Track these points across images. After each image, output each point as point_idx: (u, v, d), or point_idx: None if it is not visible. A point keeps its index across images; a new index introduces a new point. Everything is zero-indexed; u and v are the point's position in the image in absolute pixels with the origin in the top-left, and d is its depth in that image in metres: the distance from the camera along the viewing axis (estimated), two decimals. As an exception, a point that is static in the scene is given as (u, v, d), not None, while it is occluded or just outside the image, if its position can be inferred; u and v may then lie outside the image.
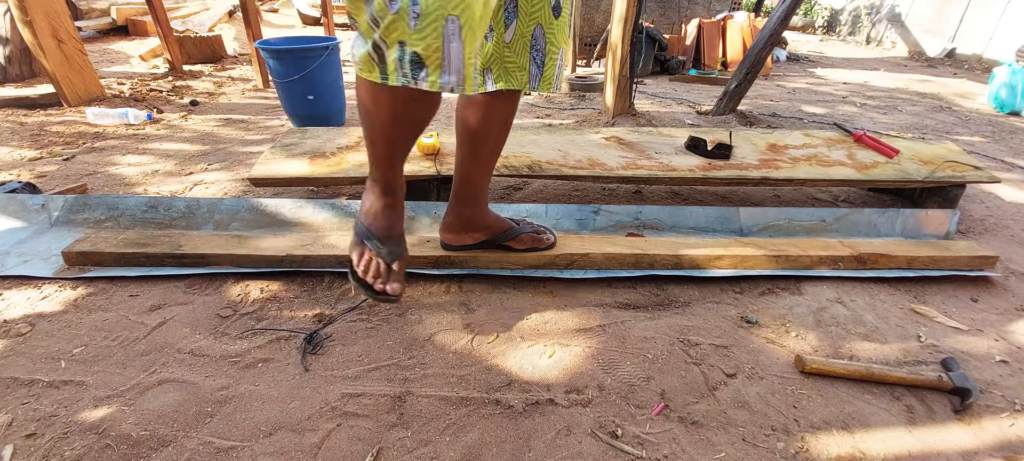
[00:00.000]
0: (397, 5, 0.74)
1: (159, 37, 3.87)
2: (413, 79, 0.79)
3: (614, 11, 2.83)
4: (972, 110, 3.91)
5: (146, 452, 0.90)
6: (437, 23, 0.75)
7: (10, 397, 1.00)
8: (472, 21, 0.77)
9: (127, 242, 1.42)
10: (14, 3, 2.72)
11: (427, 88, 0.80)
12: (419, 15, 0.74)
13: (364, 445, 0.93)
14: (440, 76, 0.79)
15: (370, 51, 0.82)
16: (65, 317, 1.23)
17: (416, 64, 0.78)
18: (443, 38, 0.76)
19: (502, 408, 1.01)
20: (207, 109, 3.17)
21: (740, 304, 1.36)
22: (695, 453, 0.93)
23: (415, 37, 0.76)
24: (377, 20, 0.77)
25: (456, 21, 0.75)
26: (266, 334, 1.19)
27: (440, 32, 0.75)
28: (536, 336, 1.22)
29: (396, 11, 0.74)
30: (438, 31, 0.75)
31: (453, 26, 0.76)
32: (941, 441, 0.98)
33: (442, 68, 0.79)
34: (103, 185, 2.00)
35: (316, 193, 1.97)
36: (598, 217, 1.68)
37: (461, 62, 0.79)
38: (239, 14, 6.07)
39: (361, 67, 0.86)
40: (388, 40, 0.78)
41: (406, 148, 1.05)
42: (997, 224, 1.90)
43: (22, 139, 2.47)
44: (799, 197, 2.09)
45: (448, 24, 0.75)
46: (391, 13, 0.75)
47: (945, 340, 1.25)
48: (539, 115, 3.31)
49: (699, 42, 5.24)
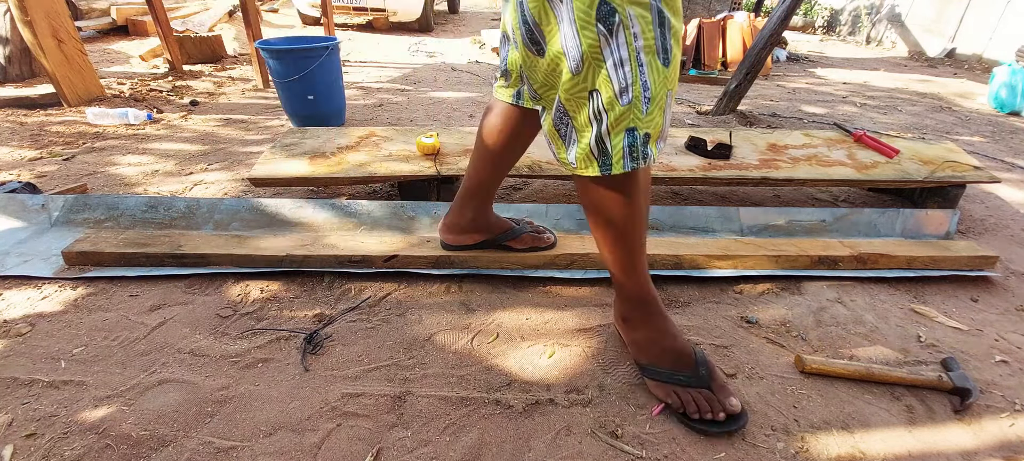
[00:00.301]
0: (629, 97, 0.77)
1: (159, 37, 3.87)
2: (644, 159, 0.82)
3: (614, 11, 2.83)
4: (972, 110, 3.91)
5: (146, 452, 0.90)
6: (663, 101, 0.80)
7: (10, 397, 1.00)
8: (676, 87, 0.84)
9: (127, 242, 1.42)
10: (14, 3, 2.72)
11: (651, 163, 0.84)
12: (650, 99, 0.78)
13: (364, 445, 0.93)
14: (658, 144, 0.84)
15: (590, 146, 0.82)
16: (65, 317, 1.23)
17: (645, 144, 0.81)
18: (664, 113, 0.81)
19: (502, 408, 1.01)
20: (207, 109, 3.17)
21: (740, 304, 1.36)
22: (695, 453, 0.93)
23: (647, 120, 0.79)
24: (601, 114, 0.79)
25: (671, 93, 0.81)
26: (266, 334, 1.19)
27: (664, 108, 0.80)
28: (536, 336, 1.22)
29: (629, 102, 0.77)
30: (663, 108, 0.80)
31: (670, 99, 0.81)
32: (941, 441, 0.98)
33: (660, 138, 0.83)
34: (103, 185, 2.00)
35: (316, 193, 1.97)
36: (598, 217, 1.68)
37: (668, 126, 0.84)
38: (239, 14, 6.08)
39: (580, 165, 0.85)
40: (615, 129, 0.80)
41: (643, 245, 0.99)
42: (997, 224, 1.90)
43: (22, 139, 2.47)
44: (799, 197, 2.09)
45: (668, 99, 0.81)
46: (622, 105, 0.77)
47: (945, 340, 1.25)
48: (539, 115, 3.31)
49: (699, 42, 5.24)
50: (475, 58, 5.49)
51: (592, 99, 0.79)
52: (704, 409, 0.97)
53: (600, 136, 0.81)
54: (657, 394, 1.03)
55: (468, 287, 1.39)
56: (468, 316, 1.28)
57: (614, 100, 0.77)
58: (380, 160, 1.77)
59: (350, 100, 3.46)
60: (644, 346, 1.07)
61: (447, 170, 1.71)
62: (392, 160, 1.77)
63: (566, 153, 0.88)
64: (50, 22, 2.85)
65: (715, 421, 0.96)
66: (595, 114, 0.80)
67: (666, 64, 0.77)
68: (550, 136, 0.90)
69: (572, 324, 1.26)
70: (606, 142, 0.81)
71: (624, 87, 0.76)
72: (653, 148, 0.82)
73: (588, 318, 1.28)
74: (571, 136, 0.86)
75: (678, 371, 1.02)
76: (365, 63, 4.95)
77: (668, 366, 1.03)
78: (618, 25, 0.73)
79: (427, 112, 3.27)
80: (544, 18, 0.78)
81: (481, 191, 1.30)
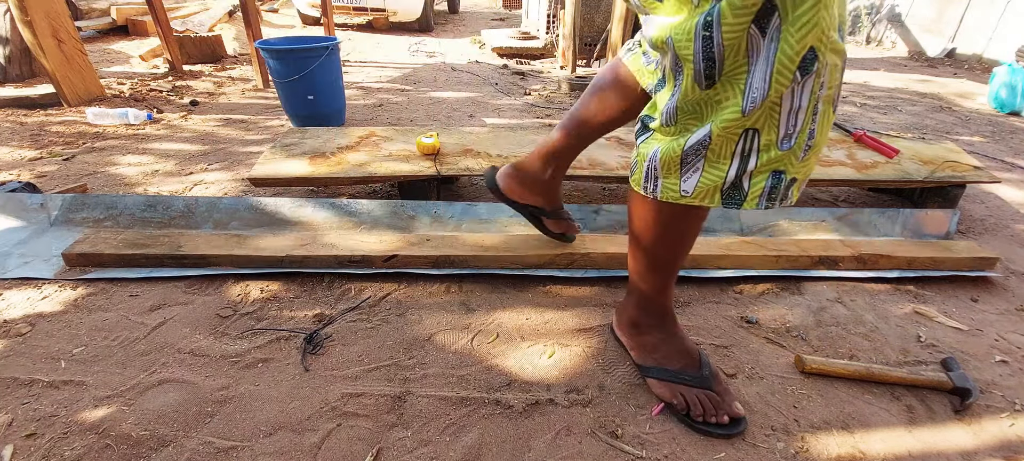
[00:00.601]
0: (791, 143, 0.75)
1: (159, 37, 3.87)
2: (782, 201, 0.80)
3: (614, 11, 2.83)
4: (972, 110, 3.91)
5: (146, 452, 0.90)
6: (821, 150, 0.79)
7: (10, 397, 1.00)
8: None
9: (127, 243, 1.42)
10: (14, 3, 2.71)
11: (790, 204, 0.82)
12: (811, 148, 0.75)
13: (364, 445, 0.93)
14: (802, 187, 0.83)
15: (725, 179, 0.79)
16: (65, 317, 1.23)
17: (788, 187, 0.79)
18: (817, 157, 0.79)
19: (502, 408, 1.01)
20: (207, 109, 3.17)
21: (740, 304, 1.36)
22: (695, 453, 0.93)
23: (800, 166, 0.77)
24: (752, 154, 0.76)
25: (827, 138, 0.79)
26: (266, 334, 1.19)
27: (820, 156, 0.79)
28: (536, 336, 1.22)
29: (789, 148, 0.75)
30: (819, 155, 0.79)
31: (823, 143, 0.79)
32: (941, 441, 0.98)
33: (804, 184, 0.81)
34: (103, 185, 2.00)
35: (316, 193, 1.97)
36: (598, 217, 1.68)
37: None
38: (239, 14, 6.08)
39: (698, 196, 0.82)
40: (762, 170, 0.77)
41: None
42: (997, 224, 1.90)
43: (22, 139, 2.47)
44: (799, 197, 2.09)
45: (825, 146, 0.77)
46: (780, 150, 0.75)
47: (945, 340, 1.25)
48: (539, 115, 3.31)
49: (699, 42, 5.23)
50: (475, 58, 5.49)
51: (745, 137, 0.75)
52: (709, 411, 0.98)
53: (741, 173, 0.77)
54: (662, 395, 1.03)
55: (468, 287, 1.39)
56: (468, 316, 1.28)
57: (772, 144, 0.74)
58: (380, 160, 1.77)
59: (350, 100, 3.46)
60: (652, 348, 1.07)
61: (447, 170, 1.71)
62: (392, 160, 1.77)
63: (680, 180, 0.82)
64: (50, 22, 2.85)
65: (718, 424, 0.97)
66: (743, 152, 0.76)
67: (835, 110, 0.75)
68: (666, 160, 0.82)
69: (572, 324, 1.26)
70: (745, 181, 0.78)
71: (789, 133, 0.73)
72: (796, 192, 0.80)
73: (588, 318, 1.28)
74: (697, 165, 0.80)
75: (685, 371, 1.03)
76: (365, 63, 4.95)
77: (676, 366, 1.04)
78: (813, 73, 0.68)
79: (427, 112, 3.27)
80: (735, 53, 0.69)
81: (568, 155, 1.24)
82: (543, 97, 3.86)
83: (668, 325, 1.08)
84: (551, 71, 5.01)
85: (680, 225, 0.91)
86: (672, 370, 1.03)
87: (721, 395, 0.99)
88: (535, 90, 4.08)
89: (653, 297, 1.05)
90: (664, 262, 0.98)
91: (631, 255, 1.03)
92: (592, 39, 5.42)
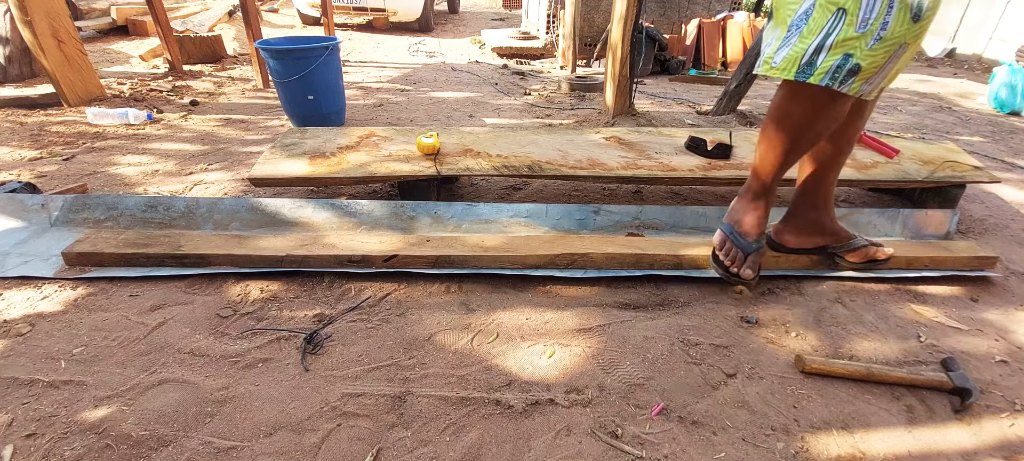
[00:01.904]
0: (866, 27, 0.86)
1: (159, 37, 3.87)
2: (841, 84, 0.91)
3: (614, 11, 2.83)
4: (972, 110, 3.91)
5: (146, 452, 0.90)
6: (893, 48, 0.87)
7: (10, 397, 1.00)
8: (916, 46, 0.90)
9: (127, 242, 1.42)
10: (14, 3, 2.71)
11: (847, 92, 0.92)
12: (881, 39, 0.86)
13: (364, 445, 0.93)
14: (863, 85, 0.92)
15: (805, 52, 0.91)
16: (65, 317, 1.23)
17: (852, 74, 0.90)
18: (888, 59, 0.88)
19: (502, 408, 1.01)
20: (207, 109, 3.17)
21: (740, 304, 1.36)
22: (695, 453, 0.93)
23: (867, 53, 0.87)
24: (833, 30, 0.88)
25: (905, 47, 0.88)
26: (266, 334, 1.19)
27: (890, 54, 0.88)
28: (536, 336, 1.22)
29: (862, 32, 0.86)
30: (889, 53, 0.88)
31: (901, 50, 0.88)
32: (941, 441, 0.98)
33: (869, 81, 0.91)
34: (103, 185, 2.00)
35: (316, 193, 1.97)
36: (598, 217, 1.68)
37: (883, 77, 0.93)
38: (239, 14, 6.07)
39: (781, 67, 0.94)
40: (834, 49, 0.89)
41: (798, 157, 1.17)
42: (997, 224, 1.90)
43: (22, 139, 2.47)
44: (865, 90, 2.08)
45: (899, 49, 0.88)
46: (854, 31, 0.86)
47: (945, 340, 1.25)
48: (539, 115, 3.31)
49: (699, 42, 5.24)
50: (475, 58, 5.49)
51: (836, 15, 0.87)
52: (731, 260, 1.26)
53: (818, 47, 0.89)
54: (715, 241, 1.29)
55: (468, 287, 1.39)
56: (468, 316, 1.28)
57: (852, 25, 0.86)
58: (380, 160, 1.77)
59: (350, 100, 3.46)
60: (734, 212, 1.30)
61: (447, 170, 1.71)
62: (392, 160, 1.77)
63: (775, 53, 0.97)
64: (50, 22, 2.85)
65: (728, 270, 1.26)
66: (829, 28, 0.88)
67: (915, 20, 0.84)
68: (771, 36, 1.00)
69: (572, 324, 1.26)
70: (819, 55, 0.90)
71: (867, 18, 0.85)
72: (858, 83, 0.90)
73: (588, 318, 1.28)
74: (792, 39, 0.92)
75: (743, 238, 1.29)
76: (365, 63, 4.95)
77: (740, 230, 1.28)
78: None
79: (427, 112, 3.27)
80: None
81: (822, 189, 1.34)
82: (543, 97, 3.86)
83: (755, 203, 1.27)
84: (551, 71, 5.01)
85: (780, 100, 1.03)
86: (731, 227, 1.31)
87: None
88: (535, 90, 4.08)
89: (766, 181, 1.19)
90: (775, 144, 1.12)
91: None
92: (592, 39, 5.41)
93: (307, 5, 6.31)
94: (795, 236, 1.42)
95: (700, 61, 5.29)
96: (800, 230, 1.41)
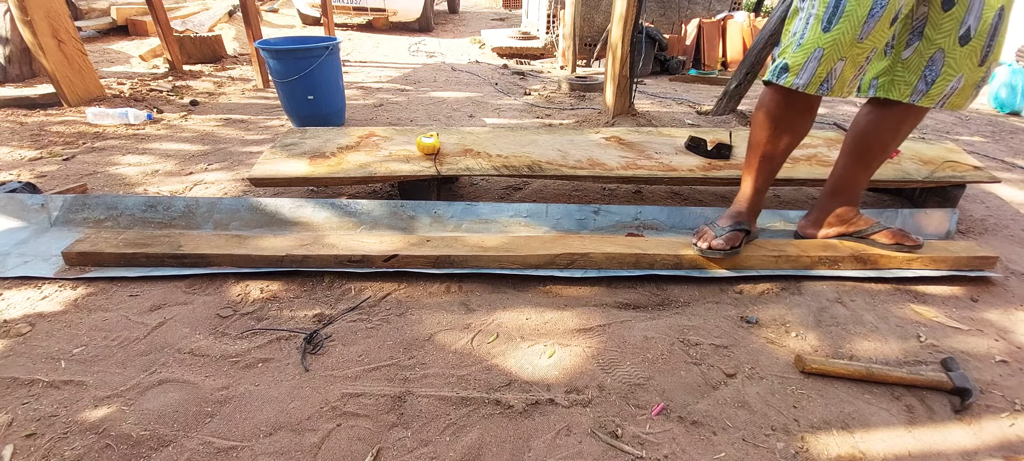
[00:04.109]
0: (794, 37, 1.20)
1: (159, 37, 3.87)
2: (776, 78, 1.22)
3: (614, 11, 2.83)
4: (972, 110, 3.91)
5: (146, 452, 0.90)
6: (810, 51, 1.17)
7: (10, 397, 1.00)
8: (835, 55, 1.15)
9: (127, 242, 1.42)
10: (14, 3, 2.72)
11: (783, 84, 1.21)
12: (800, 45, 1.18)
13: (364, 445, 0.93)
14: (795, 78, 1.19)
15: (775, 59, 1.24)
16: (65, 317, 1.23)
17: (782, 71, 1.21)
18: (808, 58, 1.17)
19: (502, 408, 1.01)
20: (207, 109, 3.17)
21: (740, 304, 1.36)
22: (695, 453, 0.93)
23: (792, 55, 1.19)
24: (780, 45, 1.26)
25: (821, 51, 1.15)
26: (266, 334, 1.19)
27: (809, 56, 1.17)
28: (536, 336, 1.22)
29: (790, 41, 1.21)
30: (808, 55, 1.17)
31: (817, 53, 1.16)
32: (941, 441, 0.98)
33: (798, 75, 1.19)
34: (103, 185, 2.00)
35: (316, 193, 1.97)
36: (598, 217, 1.68)
37: (811, 74, 1.18)
38: (239, 14, 6.07)
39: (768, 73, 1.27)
40: (779, 56, 1.23)
41: (776, 164, 1.39)
42: (997, 224, 1.90)
43: (22, 139, 2.47)
44: (799, 197, 2.09)
45: (814, 52, 1.16)
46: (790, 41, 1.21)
47: (945, 340, 1.25)
48: (539, 115, 3.31)
49: (699, 42, 5.24)
50: (475, 58, 5.49)
51: (790, 34, 1.23)
52: (701, 239, 1.43)
53: (774, 56, 1.24)
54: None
55: (468, 287, 1.39)
56: (468, 316, 1.28)
57: (788, 37, 1.23)
58: (380, 160, 1.77)
59: (350, 100, 3.46)
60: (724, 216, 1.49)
61: (447, 170, 1.71)
62: (392, 160, 1.77)
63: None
64: (50, 22, 2.85)
65: (698, 245, 1.42)
66: (784, 43, 1.24)
67: (825, 30, 1.13)
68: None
69: (572, 324, 1.26)
70: (773, 60, 1.25)
71: (795, 31, 1.20)
72: (790, 79, 1.20)
73: (588, 318, 1.28)
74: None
75: (719, 226, 1.45)
76: (365, 63, 4.95)
77: (720, 221, 1.46)
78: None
79: (427, 112, 3.27)
80: None
81: (848, 181, 1.50)
82: (543, 97, 3.86)
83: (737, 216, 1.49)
84: (551, 71, 5.01)
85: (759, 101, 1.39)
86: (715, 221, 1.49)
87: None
88: (535, 90, 4.08)
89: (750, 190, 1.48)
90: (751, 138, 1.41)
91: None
92: (592, 39, 5.42)
93: (307, 5, 6.31)
94: (817, 227, 1.55)
95: (700, 61, 5.29)
96: (820, 222, 1.54)
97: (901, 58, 1.26)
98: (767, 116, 1.32)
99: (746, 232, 1.45)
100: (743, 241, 1.45)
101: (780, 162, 1.39)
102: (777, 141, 1.33)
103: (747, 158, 1.42)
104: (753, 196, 1.44)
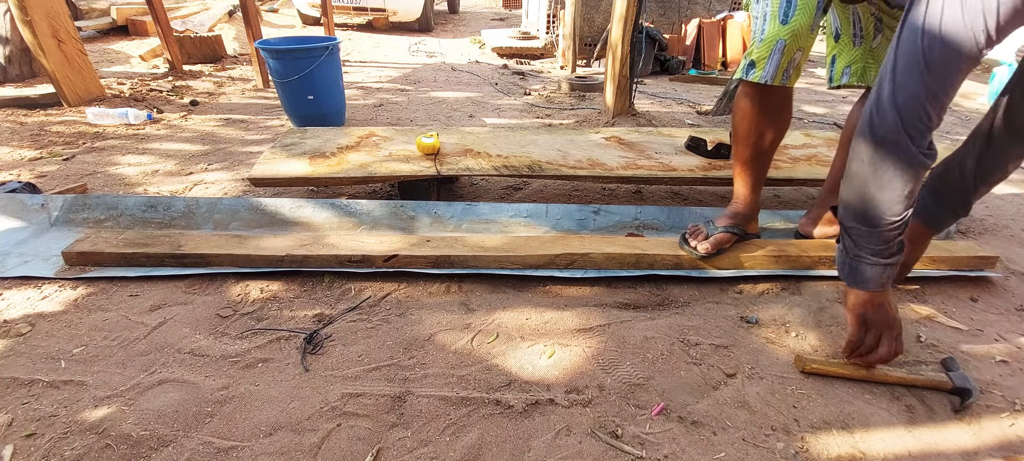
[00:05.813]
0: (755, 34, 1.26)
1: (159, 37, 3.87)
2: (745, 74, 1.28)
3: (614, 11, 2.83)
4: (972, 110, 3.91)
5: (146, 452, 0.90)
6: (772, 44, 1.21)
7: (10, 397, 1.00)
8: (794, 45, 1.20)
9: (127, 242, 1.42)
10: (14, 3, 2.72)
11: (751, 79, 1.26)
12: (762, 40, 1.23)
13: (364, 445, 0.93)
14: (761, 72, 1.24)
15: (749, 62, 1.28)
16: (65, 317, 1.23)
17: (750, 67, 1.26)
18: (771, 52, 1.22)
19: (502, 408, 1.01)
20: (207, 109, 3.17)
21: (740, 304, 1.36)
22: (695, 453, 0.93)
23: (756, 51, 1.25)
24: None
25: (783, 42, 1.20)
26: (266, 334, 1.19)
27: (772, 49, 1.22)
28: (536, 336, 1.22)
29: (755, 40, 1.26)
30: (771, 48, 1.22)
31: (780, 45, 1.20)
32: (941, 441, 0.98)
33: (764, 69, 1.24)
34: (103, 185, 2.00)
35: (316, 193, 1.97)
36: (598, 217, 1.68)
37: (776, 66, 1.23)
38: (239, 14, 6.07)
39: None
40: (746, 55, 1.28)
41: (765, 160, 1.40)
42: (997, 224, 1.90)
43: (22, 139, 2.47)
44: (799, 197, 2.09)
45: (776, 44, 1.21)
46: (754, 41, 1.26)
47: (945, 340, 1.25)
48: (539, 115, 3.31)
49: (699, 42, 5.24)
50: (475, 58, 5.49)
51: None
52: (693, 236, 1.45)
53: (745, 55, 1.29)
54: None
55: (468, 287, 1.39)
56: (468, 316, 1.28)
57: (752, 38, 1.27)
58: (380, 160, 1.77)
59: (350, 100, 3.46)
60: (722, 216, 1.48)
61: (447, 170, 1.71)
62: (392, 160, 1.77)
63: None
64: (50, 22, 2.85)
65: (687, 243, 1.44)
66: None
67: (783, 23, 1.19)
68: None
69: (572, 324, 1.26)
70: (742, 60, 1.28)
71: (756, 31, 1.26)
72: (757, 72, 1.24)
73: (588, 318, 1.28)
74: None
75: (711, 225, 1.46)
76: (365, 63, 4.95)
77: (717, 221, 1.46)
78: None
79: (427, 112, 3.27)
80: None
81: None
82: (543, 97, 3.86)
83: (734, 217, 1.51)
84: (551, 71, 5.01)
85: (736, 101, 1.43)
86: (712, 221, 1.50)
87: None
88: (535, 90, 4.08)
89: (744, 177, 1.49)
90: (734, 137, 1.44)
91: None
92: (592, 39, 5.41)
93: (307, 5, 6.31)
94: (814, 225, 1.57)
95: (700, 61, 5.29)
96: (819, 220, 1.56)
97: (871, 47, 1.39)
98: (744, 115, 1.35)
99: (740, 235, 1.46)
100: (734, 244, 1.46)
101: (768, 158, 1.40)
102: (761, 137, 1.35)
103: (734, 159, 1.43)
104: (748, 196, 1.44)
